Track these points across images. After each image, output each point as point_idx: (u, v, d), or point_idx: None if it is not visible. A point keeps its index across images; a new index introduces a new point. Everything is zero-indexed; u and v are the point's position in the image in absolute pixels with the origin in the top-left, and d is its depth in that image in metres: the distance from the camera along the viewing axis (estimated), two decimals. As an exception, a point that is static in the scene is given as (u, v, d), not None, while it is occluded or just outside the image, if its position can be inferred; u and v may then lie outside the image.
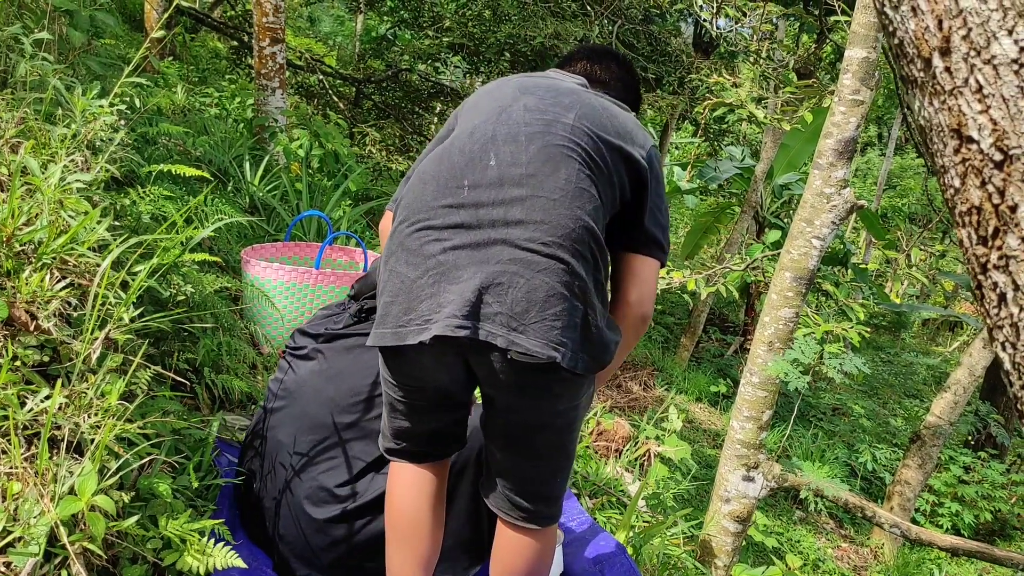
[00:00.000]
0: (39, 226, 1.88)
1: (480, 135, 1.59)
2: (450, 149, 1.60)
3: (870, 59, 3.01)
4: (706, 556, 3.49)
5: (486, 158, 1.55)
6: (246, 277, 3.14)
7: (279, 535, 2.08)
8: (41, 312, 1.75)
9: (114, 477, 1.53)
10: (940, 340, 18.68)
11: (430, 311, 1.47)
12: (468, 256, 1.48)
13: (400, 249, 1.53)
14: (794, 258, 3.21)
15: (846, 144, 3.08)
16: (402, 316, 1.50)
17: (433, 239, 1.50)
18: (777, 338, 3.29)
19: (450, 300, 1.46)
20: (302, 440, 2.08)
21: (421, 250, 1.50)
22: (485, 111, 1.66)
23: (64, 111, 2.48)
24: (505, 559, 1.76)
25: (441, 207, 1.52)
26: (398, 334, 1.50)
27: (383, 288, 1.57)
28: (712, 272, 4.43)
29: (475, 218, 1.50)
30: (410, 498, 1.81)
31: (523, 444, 1.66)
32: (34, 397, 1.59)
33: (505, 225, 1.48)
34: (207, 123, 5.61)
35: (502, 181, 1.52)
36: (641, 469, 3.98)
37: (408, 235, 1.53)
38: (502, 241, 1.48)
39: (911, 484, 6.45)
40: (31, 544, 1.38)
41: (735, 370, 10.21)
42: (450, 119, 1.76)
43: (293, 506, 2.06)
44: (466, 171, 1.54)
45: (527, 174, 1.52)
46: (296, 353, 2.20)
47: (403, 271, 1.51)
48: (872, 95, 3.03)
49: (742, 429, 3.40)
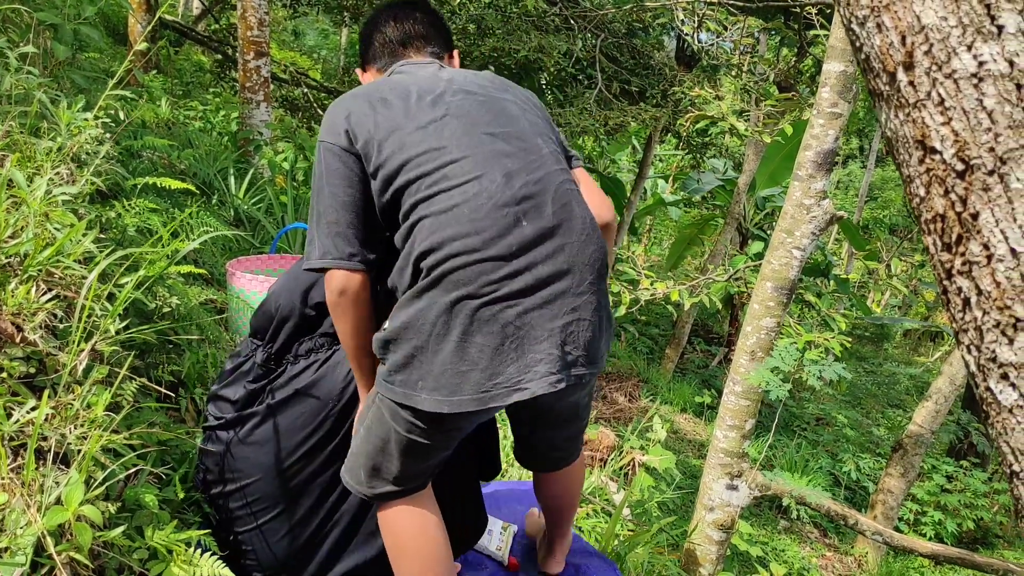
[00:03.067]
0: (25, 238, 1.89)
1: (492, 195, 1.61)
2: (459, 213, 1.59)
3: (848, 73, 3.07)
4: (690, 564, 3.51)
5: (517, 221, 1.60)
6: (231, 289, 3.14)
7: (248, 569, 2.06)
8: (27, 324, 1.76)
9: (100, 488, 1.54)
10: (922, 350, 18.83)
11: (519, 373, 1.56)
12: (540, 315, 1.58)
13: (471, 322, 1.55)
14: (775, 268, 3.25)
15: (825, 156, 3.13)
16: (486, 382, 1.56)
17: (505, 307, 1.56)
18: (759, 347, 3.33)
19: (539, 360, 1.57)
20: (260, 507, 2.00)
21: (497, 319, 1.55)
22: (459, 160, 1.64)
23: (49, 124, 2.49)
24: (562, 494, 2.14)
25: (502, 278, 1.56)
26: (481, 399, 1.56)
27: (450, 357, 1.57)
28: (696, 283, 4.47)
29: (535, 279, 1.58)
30: (432, 525, 1.83)
31: (570, 426, 1.96)
32: (20, 408, 1.59)
33: (559, 278, 1.60)
34: (191, 136, 5.62)
35: (540, 238, 1.60)
36: (626, 478, 4.00)
37: (477, 308, 1.55)
38: (561, 294, 1.60)
39: (894, 493, 6.50)
40: (18, 554, 1.38)
41: (719, 381, 10.25)
42: (343, 155, 1.70)
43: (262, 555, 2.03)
44: (505, 236, 1.58)
45: (556, 225, 1.63)
46: (220, 423, 2.03)
47: (480, 341, 1.55)
48: (850, 108, 3.09)
49: (725, 438, 3.43)
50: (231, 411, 2.02)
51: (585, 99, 8.13)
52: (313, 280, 2.01)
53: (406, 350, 1.59)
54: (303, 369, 1.98)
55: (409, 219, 1.62)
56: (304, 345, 2.01)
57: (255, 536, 2.02)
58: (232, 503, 2.00)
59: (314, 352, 2.00)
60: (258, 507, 2.00)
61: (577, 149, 12.22)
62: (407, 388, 1.60)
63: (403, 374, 1.61)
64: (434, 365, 1.57)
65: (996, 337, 0.84)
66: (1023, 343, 0.82)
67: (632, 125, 8.65)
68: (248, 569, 2.04)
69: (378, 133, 1.66)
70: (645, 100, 8.88)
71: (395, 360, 1.62)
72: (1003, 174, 0.79)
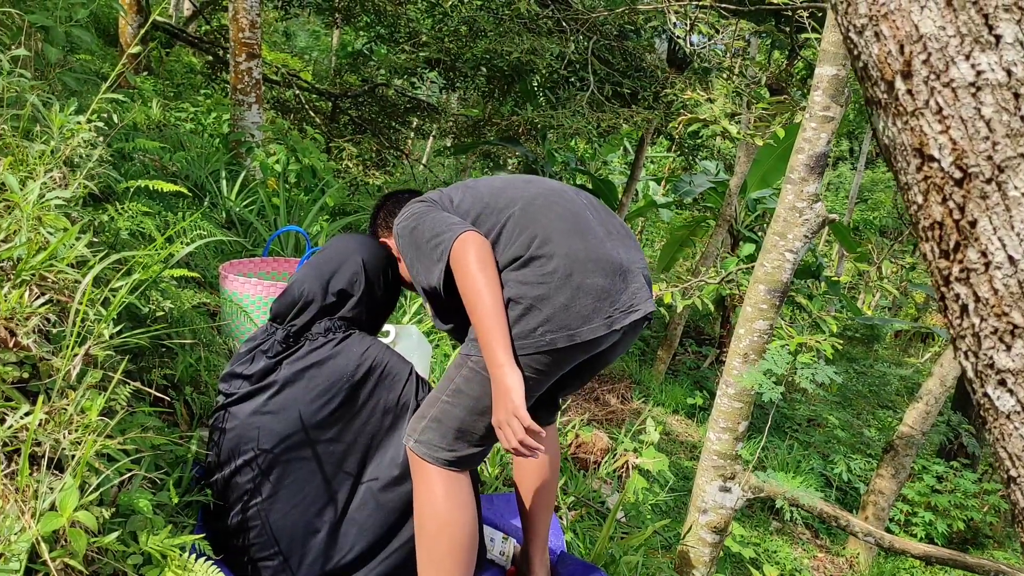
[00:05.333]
0: (18, 243, 1.88)
1: (555, 189, 2.02)
2: (547, 198, 1.96)
3: (840, 76, 3.08)
4: (684, 567, 3.51)
5: (582, 204, 1.99)
6: (224, 292, 3.14)
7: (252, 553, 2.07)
8: (20, 328, 1.75)
9: (95, 493, 1.53)
10: (912, 351, 18.90)
11: (629, 299, 1.86)
12: (629, 257, 1.92)
13: (587, 260, 1.83)
14: (768, 271, 3.26)
15: (817, 159, 3.14)
16: (608, 308, 1.82)
17: (609, 248, 1.88)
18: (752, 350, 3.33)
19: (638, 288, 1.90)
20: (267, 482, 2.06)
21: (606, 256, 1.86)
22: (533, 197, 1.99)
23: (42, 128, 2.48)
24: (552, 451, 2.27)
25: (595, 227, 1.92)
26: (608, 323, 1.82)
27: (575, 298, 1.80)
28: (688, 285, 4.48)
29: (615, 238, 1.95)
30: (472, 505, 1.95)
31: (590, 377, 2.17)
32: (14, 413, 1.59)
33: (627, 244, 1.98)
34: (183, 138, 5.61)
35: (604, 222, 1.99)
36: (619, 481, 4.00)
37: (591, 249, 1.85)
38: (635, 252, 1.99)
39: (885, 494, 6.53)
40: (12, 561, 1.38)
41: (711, 382, 10.27)
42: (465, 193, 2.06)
43: (272, 525, 2.06)
44: (584, 211, 1.96)
45: (609, 218, 2.04)
46: (233, 398, 2.10)
47: (599, 281, 1.82)
48: (842, 111, 3.10)
49: (718, 440, 3.44)
50: (246, 386, 2.11)
51: (577, 101, 8.14)
52: (335, 269, 2.21)
53: (524, 302, 1.80)
54: (321, 345, 2.11)
55: (502, 220, 1.93)
56: (323, 324, 2.15)
57: (264, 511, 2.05)
58: (241, 478, 2.05)
59: (331, 332, 2.14)
60: (270, 479, 2.05)
61: (569, 151, 12.22)
62: (521, 340, 1.79)
63: (517, 327, 1.80)
64: (557, 305, 1.78)
65: (994, 344, 0.85)
66: (1020, 350, 0.83)
67: (624, 127, 8.66)
68: (253, 552, 2.06)
69: (448, 193, 2.07)
70: (637, 102, 8.89)
71: (508, 316, 1.80)
72: (1001, 182, 0.80)
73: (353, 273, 2.23)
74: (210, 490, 2.13)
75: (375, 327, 2.33)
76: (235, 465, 2.07)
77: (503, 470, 3.03)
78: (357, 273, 2.23)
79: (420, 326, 4.28)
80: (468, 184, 2.08)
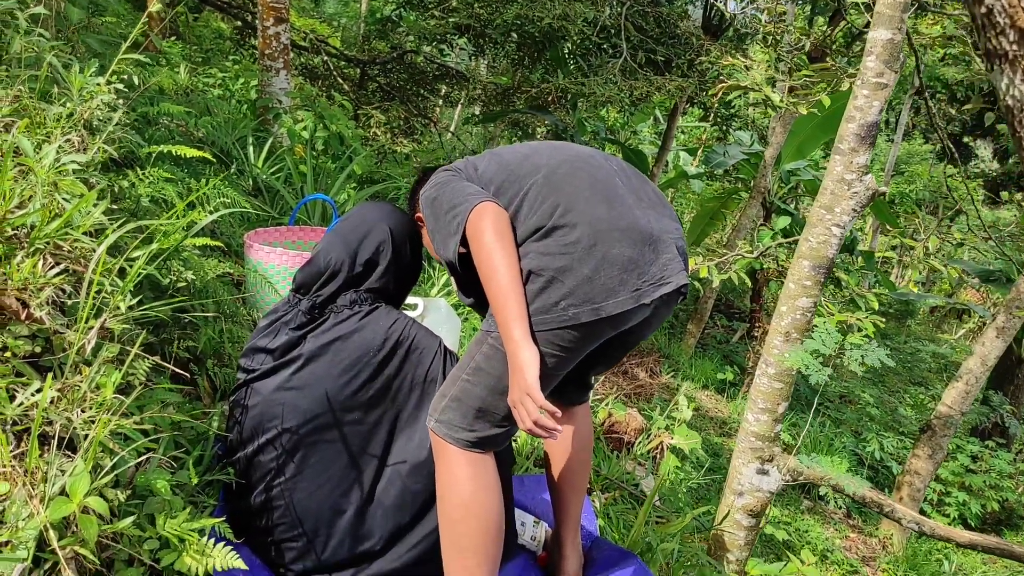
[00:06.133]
0: (32, 209, 1.79)
1: (582, 155, 1.91)
2: (572, 164, 1.85)
3: (895, 41, 2.91)
4: (717, 550, 3.41)
5: (612, 171, 1.88)
6: (249, 262, 3.05)
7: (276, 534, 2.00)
8: (33, 300, 1.66)
9: (109, 476, 1.45)
10: (946, 328, 18.56)
11: (660, 270, 1.75)
12: (661, 227, 1.80)
13: (612, 229, 1.72)
14: (813, 246, 3.11)
15: (868, 129, 2.98)
16: (635, 281, 1.72)
17: (637, 217, 1.76)
18: (794, 328, 3.20)
19: (670, 259, 1.78)
20: (291, 463, 1.99)
21: (634, 225, 1.74)
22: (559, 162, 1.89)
23: (61, 90, 2.39)
24: (584, 431, 2.21)
25: (623, 195, 1.80)
26: (635, 296, 1.71)
27: (599, 269, 1.70)
28: (725, 259, 4.34)
29: (646, 205, 1.83)
30: (496, 492, 1.85)
31: (622, 354, 2.08)
32: (24, 390, 1.50)
33: (660, 212, 1.86)
34: (210, 104, 5.52)
35: (636, 190, 1.87)
36: (654, 462, 3.89)
37: (617, 217, 1.74)
38: (669, 219, 1.87)
39: (921, 474, 6.37)
40: (19, 548, 1.30)
41: (741, 357, 10.12)
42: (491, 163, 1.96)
43: (297, 506, 1.98)
44: (613, 178, 1.84)
45: (642, 185, 1.91)
46: (256, 374, 2.04)
47: (625, 251, 1.71)
48: (896, 78, 2.93)
49: (756, 421, 3.32)
50: (269, 361, 2.04)
51: (610, 69, 7.94)
52: (362, 238, 2.12)
53: (545, 274, 1.70)
54: (347, 318, 2.04)
55: (524, 188, 1.83)
56: (348, 297, 2.08)
57: (288, 491, 1.98)
58: (264, 456, 1.99)
59: (357, 304, 2.07)
60: (294, 458, 1.98)
61: (600, 120, 12.00)
62: (542, 314, 1.70)
63: (538, 300, 1.70)
64: (580, 277, 1.68)
65: None
66: None
67: (656, 96, 8.46)
68: (277, 534, 1.99)
69: (474, 162, 1.97)
70: (671, 70, 8.67)
71: (529, 290, 1.71)
72: None
73: (380, 242, 2.13)
74: (232, 468, 2.06)
75: (401, 297, 2.24)
76: (258, 443, 2.00)
77: (534, 450, 2.94)
78: (384, 242, 2.14)
79: (448, 299, 4.19)
80: (495, 152, 1.99)
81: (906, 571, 5.93)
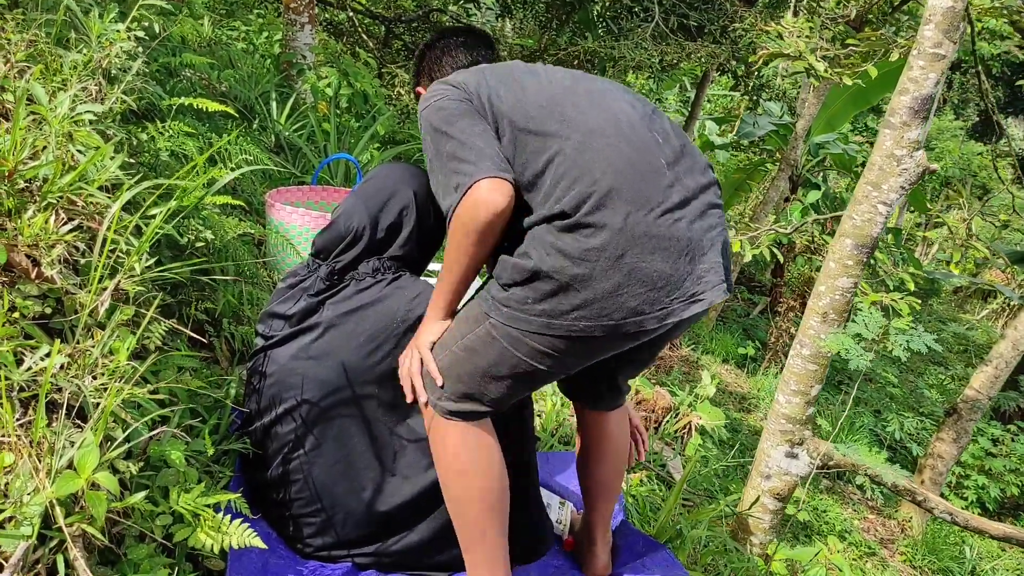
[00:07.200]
0: (44, 161, 1.69)
1: (632, 120, 1.65)
2: (612, 138, 1.60)
3: (956, 9, 2.74)
4: (741, 532, 3.32)
5: (657, 140, 1.63)
6: (270, 222, 2.95)
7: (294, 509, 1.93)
8: (44, 258, 1.57)
9: (121, 448, 1.36)
10: (968, 308, 18.31)
11: (693, 285, 1.56)
12: (702, 226, 1.59)
13: (646, 237, 1.51)
14: (857, 224, 2.98)
15: (923, 102, 2.82)
16: (664, 299, 1.53)
17: (676, 219, 1.55)
18: (832, 309, 3.07)
19: (708, 269, 1.58)
20: (311, 434, 1.91)
21: (671, 233, 1.53)
22: (587, 101, 1.68)
23: (78, 36, 2.28)
24: (619, 440, 2.03)
25: (665, 188, 1.56)
26: (660, 316, 1.54)
27: (624, 285, 1.51)
28: (759, 233, 4.20)
29: (688, 191, 1.59)
30: (494, 452, 1.76)
31: (654, 357, 1.94)
32: (33, 354, 1.41)
33: (703, 190, 1.63)
34: (233, 56, 5.38)
35: (677, 157, 1.63)
36: (681, 442, 3.79)
37: (652, 222, 1.52)
38: (710, 205, 1.63)
39: (944, 458, 6.25)
40: (23, 525, 1.21)
41: (761, 331, 9.99)
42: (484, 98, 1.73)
43: (315, 480, 1.90)
44: (653, 152, 1.60)
45: (682, 144, 1.67)
46: (273, 340, 1.96)
47: (657, 265, 1.52)
48: (955, 49, 2.77)
49: (788, 403, 3.21)
50: (286, 328, 1.95)
51: (641, 32, 7.74)
52: (385, 201, 2.02)
53: (560, 279, 1.51)
54: (369, 286, 1.94)
55: (549, 151, 1.59)
56: (371, 264, 1.98)
57: (307, 464, 1.91)
58: (282, 427, 1.91)
59: (380, 272, 1.98)
60: (313, 431, 1.90)
61: (626, 85, 11.77)
62: (550, 317, 1.54)
63: (549, 303, 1.54)
64: (599, 291, 1.51)
65: None
66: None
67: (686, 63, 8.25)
68: (295, 508, 1.91)
69: (492, 87, 1.71)
70: (703, 36, 8.45)
71: (541, 289, 1.54)
72: None
73: (403, 207, 2.03)
74: (248, 439, 1.98)
75: (424, 263, 2.14)
76: (275, 413, 1.91)
77: (559, 426, 2.84)
78: (408, 207, 2.03)
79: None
80: (515, 75, 1.75)
81: (925, 555, 5.84)
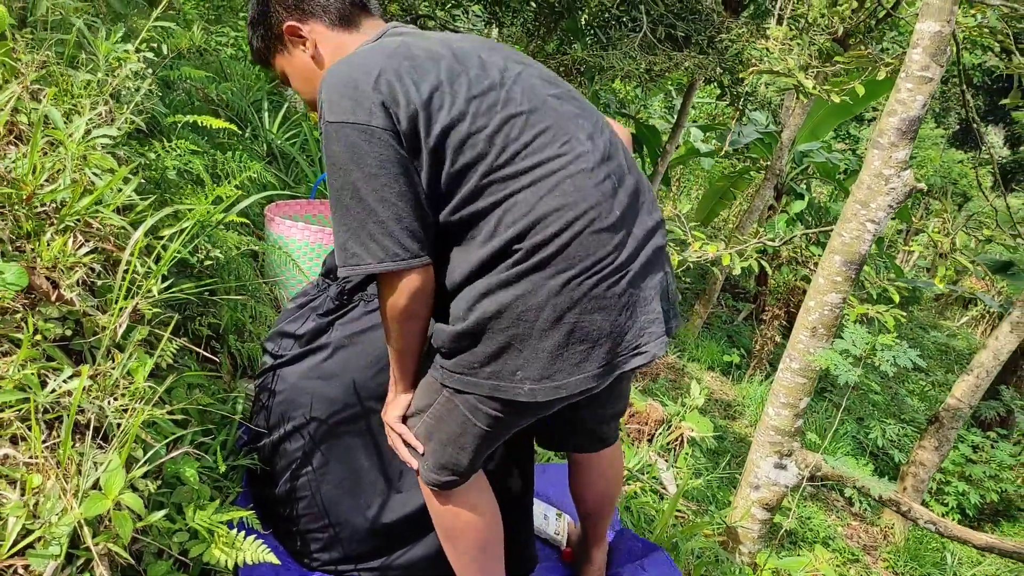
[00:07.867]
0: (62, 184, 1.73)
1: (588, 163, 1.48)
2: (562, 185, 1.43)
3: (943, 33, 2.82)
4: (731, 542, 3.39)
5: (614, 188, 1.51)
6: (270, 236, 2.99)
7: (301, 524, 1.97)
8: (63, 280, 1.60)
9: (142, 468, 1.40)
10: (948, 315, 18.52)
11: (635, 338, 1.51)
12: (645, 277, 1.52)
13: (588, 299, 1.44)
14: (846, 241, 3.05)
15: (910, 123, 2.90)
16: (605, 355, 1.48)
17: (620, 278, 1.47)
18: (821, 324, 3.15)
19: (651, 320, 1.53)
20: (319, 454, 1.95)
21: (614, 292, 1.46)
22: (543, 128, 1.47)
23: (87, 55, 2.31)
24: (609, 475, 2.01)
25: (614, 249, 1.47)
26: (600, 374, 1.48)
27: (565, 346, 1.44)
28: (748, 247, 4.28)
29: (636, 243, 1.51)
30: (486, 502, 1.77)
31: (623, 400, 1.90)
32: (56, 377, 1.45)
33: (651, 235, 1.56)
34: (224, 64, 5.40)
35: (632, 200, 1.54)
36: (673, 454, 3.85)
37: (595, 285, 1.44)
38: (656, 251, 1.56)
39: (926, 466, 6.36)
40: (52, 545, 1.25)
41: (746, 338, 10.08)
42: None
43: (323, 497, 1.94)
44: (610, 205, 1.48)
45: (636, 182, 1.58)
46: (282, 360, 2.00)
47: (598, 318, 1.45)
48: (942, 72, 2.85)
49: (777, 415, 3.28)
50: (295, 347, 1.99)
51: (629, 42, 7.81)
52: None
53: (499, 340, 1.44)
54: (377, 308, 1.96)
55: (488, 196, 1.42)
56: None
57: (315, 481, 1.95)
58: (291, 445, 1.95)
59: None
60: (321, 448, 1.94)
61: (612, 94, 11.84)
62: (498, 380, 1.47)
63: (493, 365, 1.46)
64: (540, 352, 1.44)
65: None
66: None
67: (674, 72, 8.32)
68: (302, 524, 1.95)
69: (423, 102, 1.39)
70: (690, 46, 8.53)
71: (482, 352, 1.46)
72: None
73: None
74: (256, 455, 2.02)
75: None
76: (284, 430, 1.96)
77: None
78: None
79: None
80: (454, 82, 1.44)
81: (907, 561, 5.93)
